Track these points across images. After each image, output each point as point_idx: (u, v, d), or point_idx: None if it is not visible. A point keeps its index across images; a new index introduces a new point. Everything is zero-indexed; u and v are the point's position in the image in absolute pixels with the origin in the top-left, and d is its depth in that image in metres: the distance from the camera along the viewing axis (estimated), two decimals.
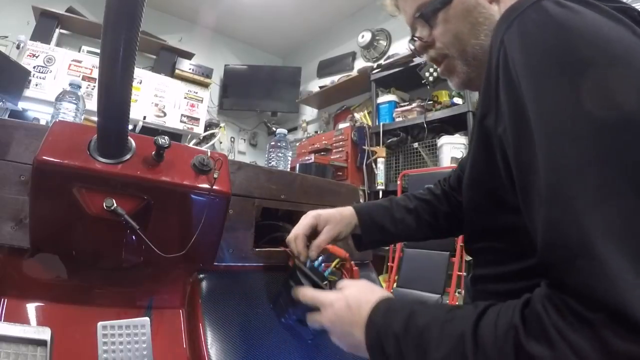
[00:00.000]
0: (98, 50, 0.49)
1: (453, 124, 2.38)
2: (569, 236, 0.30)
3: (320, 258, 0.68)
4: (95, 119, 0.57)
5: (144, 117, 2.96)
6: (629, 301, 0.26)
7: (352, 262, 0.74)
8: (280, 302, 0.68)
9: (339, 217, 0.74)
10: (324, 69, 3.84)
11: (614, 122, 0.31)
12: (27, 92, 2.52)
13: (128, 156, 0.61)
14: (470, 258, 0.88)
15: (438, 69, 0.61)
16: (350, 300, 0.51)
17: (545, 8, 0.37)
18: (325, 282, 0.63)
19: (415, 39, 0.61)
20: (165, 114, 3.07)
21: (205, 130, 3.38)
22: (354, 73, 3.21)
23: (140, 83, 2.98)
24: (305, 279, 0.61)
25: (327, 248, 0.71)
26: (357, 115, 3.04)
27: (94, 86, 2.65)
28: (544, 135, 0.34)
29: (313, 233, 0.71)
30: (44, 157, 0.55)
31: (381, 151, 2.57)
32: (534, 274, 0.35)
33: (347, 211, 0.75)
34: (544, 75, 0.35)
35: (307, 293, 0.59)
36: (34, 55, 2.62)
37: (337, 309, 0.52)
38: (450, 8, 0.55)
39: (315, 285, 0.61)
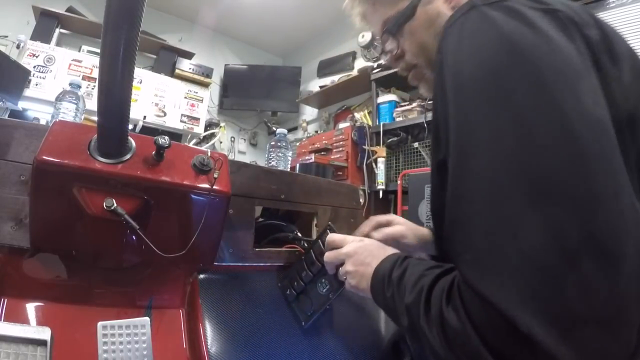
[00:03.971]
0: (98, 50, 0.49)
1: None
2: (459, 235, 0.37)
3: None
4: (95, 118, 0.57)
5: (144, 117, 2.96)
6: (497, 293, 0.32)
7: None
8: (293, 273, 0.75)
9: (413, 226, 0.79)
10: (324, 68, 3.84)
11: (513, 131, 0.34)
12: (27, 92, 2.52)
13: (128, 156, 0.61)
14: None
15: (408, 78, 0.66)
16: (377, 242, 0.59)
17: (472, 24, 0.40)
18: None
19: (387, 52, 0.65)
20: (165, 114, 3.07)
21: (206, 130, 3.38)
22: (354, 73, 3.21)
23: (141, 83, 2.98)
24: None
25: None
26: (357, 115, 3.04)
27: (94, 86, 2.66)
28: (456, 146, 0.38)
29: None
30: (44, 157, 0.55)
31: (381, 151, 2.57)
32: None
33: (425, 230, 0.80)
34: (459, 93, 0.39)
35: (336, 235, 0.65)
36: (34, 55, 2.62)
37: (364, 243, 0.60)
38: (414, 20, 0.58)
39: None
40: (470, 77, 0.38)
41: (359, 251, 0.58)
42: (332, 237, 0.66)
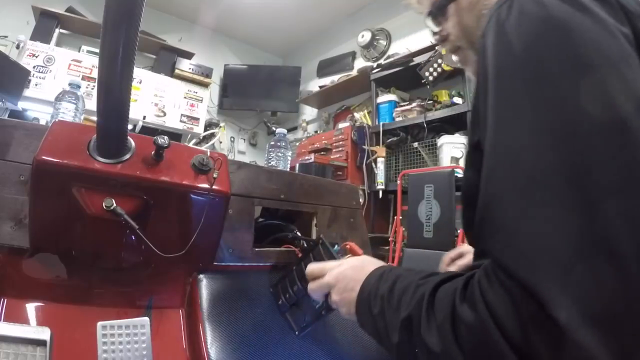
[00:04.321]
0: (98, 50, 0.49)
1: (453, 124, 2.38)
2: (494, 214, 0.35)
3: (339, 254, 0.73)
4: (94, 118, 0.57)
5: (144, 117, 2.96)
6: (532, 273, 0.30)
7: None
8: (285, 283, 0.73)
9: None
10: (324, 68, 3.84)
11: (555, 111, 0.33)
12: (27, 92, 2.52)
13: (127, 156, 0.61)
14: None
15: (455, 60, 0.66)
16: (356, 263, 0.58)
17: (519, 5, 0.39)
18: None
19: (434, 33, 0.65)
20: (165, 114, 3.07)
21: (205, 130, 3.38)
22: (354, 73, 3.21)
23: (140, 83, 2.98)
24: (326, 253, 0.67)
25: (346, 245, 0.75)
26: (357, 115, 3.04)
27: (94, 86, 2.65)
28: (493, 125, 0.38)
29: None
30: (43, 157, 0.55)
31: (381, 151, 2.57)
32: None
33: None
34: (503, 73, 0.38)
35: (314, 265, 0.63)
36: (33, 55, 2.62)
37: (343, 269, 0.58)
38: (457, 3, 0.58)
39: (333, 258, 0.66)
40: (513, 56, 0.37)
41: (340, 278, 0.57)
42: (310, 268, 0.64)
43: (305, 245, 0.83)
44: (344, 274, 0.57)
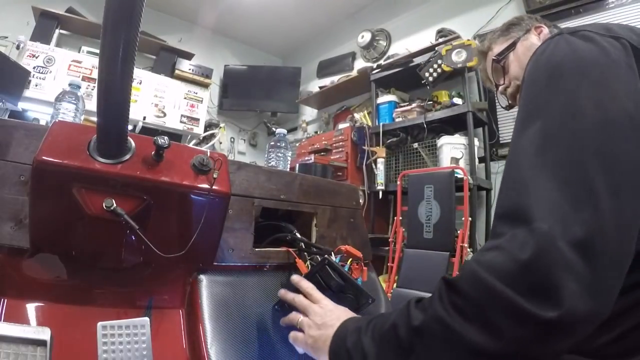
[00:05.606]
0: (98, 51, 0.49)
1: (453, 124, 2.38)
2: (513, 173, 0.45)
3: (337, 257, 0.74)
4: (94, 119, 0.57)
5: (144, 118, 2.96)
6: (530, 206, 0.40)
7: (362, 262, 0.76)
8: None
9: None
10: (324, 69, 3.85)
11: (566, 112, 0.44)
12: (27, 93, 2.53)
13: (128, 156, 0.61)
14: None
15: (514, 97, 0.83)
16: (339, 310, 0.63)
17: (555, 43, 0.53)
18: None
19: (499, 86, 0.85)
20: (165, 114, 3.08)
21: (205, 131, 3.39)
22: (354, 73, 3.21)
23: (140, 83, 2.98)
24: (335, 272, 0.69)
25: (342, 249, 0.75)
26: (357, 116, 3.04)
27: (94, 86, 2.66)
28: (519, 123, 0.48)
29: None
30: (43, 157, 0.55)
31: (381, 151, 2.57)
32: None
33: None
34: (533, 84, 0.51)
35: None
36: (33, 56, 2.62)
37: (325, 304, 0.64)
38: (515, 51, 0.82)
39: (343, 277, 0.68)
40: (541, 70, 0.50)
41: (322, 314, 0.62)
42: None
43: (310, 259, 0.82)
44: (325, 309, 0.63)
